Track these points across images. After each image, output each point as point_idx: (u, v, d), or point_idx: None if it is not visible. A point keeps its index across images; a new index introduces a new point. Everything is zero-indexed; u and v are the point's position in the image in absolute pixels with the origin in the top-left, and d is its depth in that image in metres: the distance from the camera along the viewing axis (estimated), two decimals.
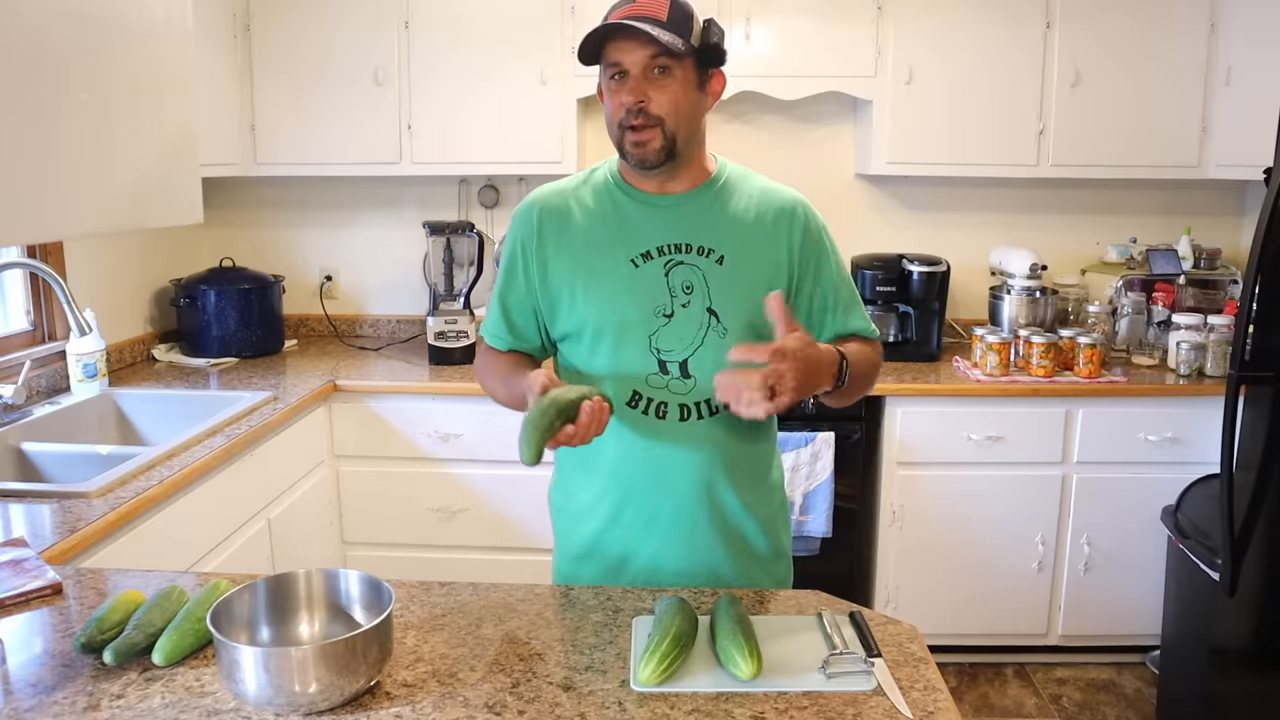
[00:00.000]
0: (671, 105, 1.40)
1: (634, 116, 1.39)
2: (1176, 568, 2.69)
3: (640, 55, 1.38)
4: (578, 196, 1.53)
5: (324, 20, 3.08)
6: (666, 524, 1.49)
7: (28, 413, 2.40)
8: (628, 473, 1.49)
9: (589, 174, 1.56)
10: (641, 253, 1.46)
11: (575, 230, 1.50)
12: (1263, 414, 2.27)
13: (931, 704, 1.12)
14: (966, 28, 3.04)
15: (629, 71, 1.39)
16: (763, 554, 1.55)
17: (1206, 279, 3.28)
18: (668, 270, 1.46)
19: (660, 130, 1.40)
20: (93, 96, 1.73)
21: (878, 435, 2.93)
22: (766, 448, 1.58)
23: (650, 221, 1.48)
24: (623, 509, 1.50)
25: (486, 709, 1.11)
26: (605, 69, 1.42)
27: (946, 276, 3.15)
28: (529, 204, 1.54)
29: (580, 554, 1.56)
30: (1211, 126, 3.08)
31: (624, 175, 1.52)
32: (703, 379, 1.45)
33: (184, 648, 1.20)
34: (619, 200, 1.50)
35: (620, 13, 1.39)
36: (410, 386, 2.93)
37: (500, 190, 3.49)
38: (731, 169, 1.55)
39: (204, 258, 3.42)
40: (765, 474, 1.57)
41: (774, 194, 1.53)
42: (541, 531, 2.95)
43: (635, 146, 1.41)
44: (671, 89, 1.40)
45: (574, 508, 1.57)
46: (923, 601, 2.97)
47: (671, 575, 1.50)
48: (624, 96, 1.39)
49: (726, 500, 1.50)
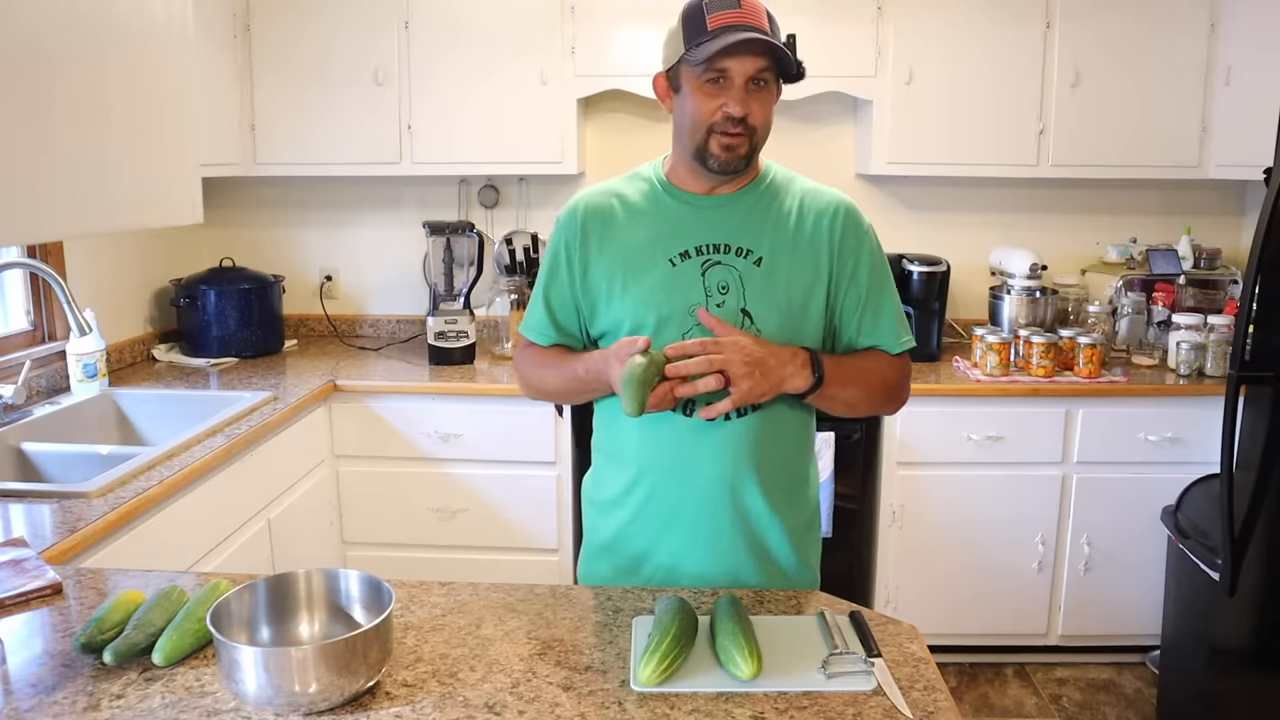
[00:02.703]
0: (765, 118, 1.43)
1: (733, 124, 1.40)
2: (1176, 568, 2.69)
3: (750, 65, 1.38)
4: (622, 196, 1.54)
5: (324, 20, 3.08)
6: (688, 523, 1.49)
7: (28, 413, 2.40)
8: (652, 468, 1.50)
9: (634, 174, 1.57)
10: (680, 252, 1.47)
11: (618, 229, 1.51)
12: (1263, 414, 2.27)
13: (931, 704, 1.12)
14: (967, 27, 3.04)
15: (733, 80, 1.39)
16: (785, 563, 1.53)
17: (1206, 279, 3.27)
18: (705, 270, 1.46)
19: (750, 139, 1.42)
20: (92, 96, 1.73)
21: (878, 435, 2.93)
22: (799, 458, 1.57)
23: (692, 222, 1.49)
24: (646, 503, 1.51)
25: (486, 709, 1.11)
26: (701, 69, 1.40)
27: (946, 276, 3.15)
28: (574, 204, 1.56)
29: (602, 547, 1.58)
30: (1211, 126, 3.08)
31: (671, 177, 1.53)
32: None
33: (184, 648, 1.20)
34: (663, 200, 1.51)
35: (726, 17, 1.38)
36: (410, 386, 2.93)
37: (500, 190, 3.49)
38: (778, 171, 1.55)
39: (204, 258, 3.42)
40: (800, 483, 1.56)
41: (818, 196, 1.53)
42: (541, 531, 2.97)
43: (725, 150, 1.42)
44: (767, 101, 1.43)
45: (603, 498, 1.58)
46: (923, 601, 2.97)
47: (690, 577, 1.50)
48: (732, 107, 1.39)
49: (752, 504, 1.49)
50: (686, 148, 1.46)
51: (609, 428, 1.57)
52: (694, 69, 1.41)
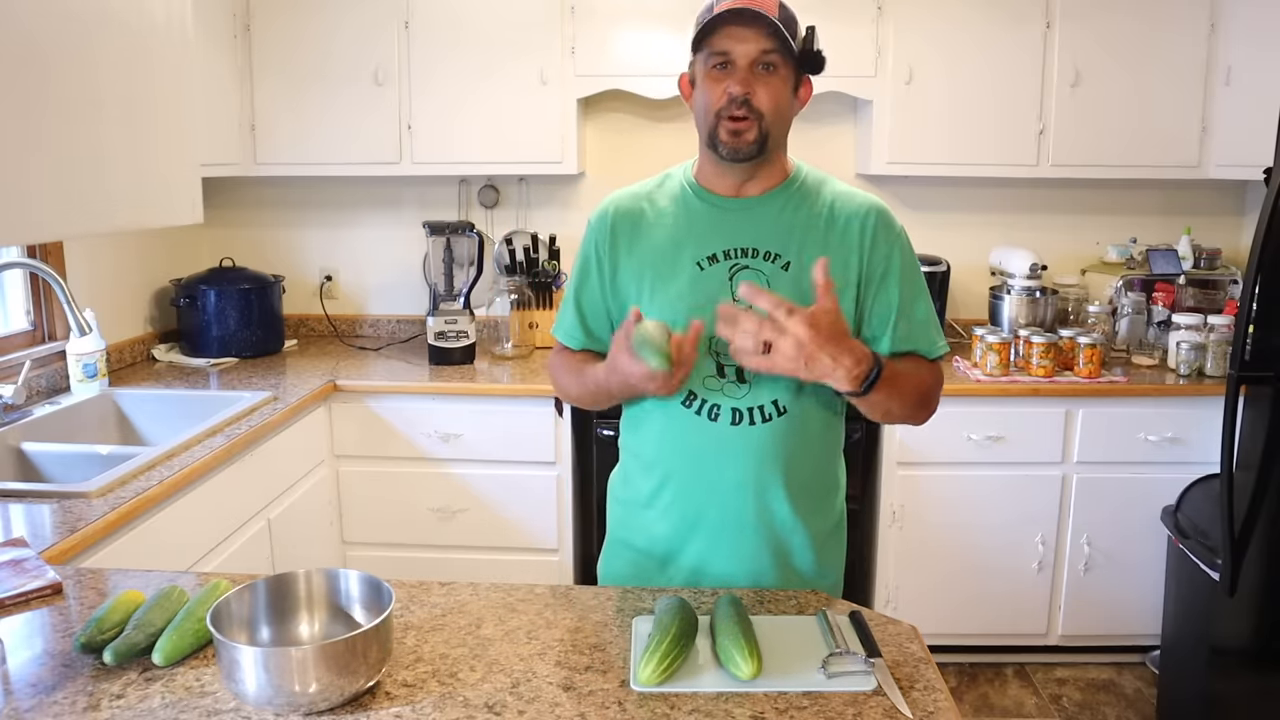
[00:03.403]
0: (773, 102, 1.41)
1: (737, 106, 1.39)
2: (1176, 568, 2.69)
3: (752, 47, 1.38)
4: (651, 199, 1.53)
5: (324, 20, 3.08)
6: (713, 526, 1.49)
7: (28, 413, 2.40)
8: (678, 471, 1.49)
9: (664, 177, 1.57)
10: (708, 255, 1.46)
11: (647, 232, 1.51)
12: (1263, 414, 2.27)
13: (931, 704, 1.12)
14: (967, 27, 3.04)
15: (736, 62, 1.39)
16: (806, 568, 1.52)
17: (1206, 279, 3.27)
18: (732, 274, 1.45)
19: (758, 124, 1.41)
20: (92, 97, 1.73)
21: (878, 435, 2.93)
22: (825, 464, 1.55)
23: (720, 224, 1.48)
24: (673, 506, 1.51)
25: (486, 709, 1.11)
26: (707, 56, 1.41)
27: (946, 276, 3.15)
28: (605, 207, 1.55)
29: (628, 544, 1.58)
30: (1211, 126, 3.08)
31: (699, 179, 1.52)
32: (760, 385, 1.44)
33: (184, 648, 1.20)
34: (691, 203, 1.51)
35: (732, 2, 1.38)
36: (410, 386, 2.93)
37: (500, 190, 3.49)
38: (809, 173, 1.54)
39: (204, 258, 3.42)
40: (829, 490, 1.56)
41: (849, 199, 1.51)
42: (541, 531, 2.97)
43: (732, 135, 1.41)
44: (775, 86, 1.41)
45: (630, 497, 1.58)
46: (923, 601, 2.97)
47: (714, 579, 1.49)
48: (732, 87, 1.39)
49: (777, 509, 1.48)
50: (703, 138, 1.46)
51: (635, 430, 1.57)
52: (701, 57, 1.42)
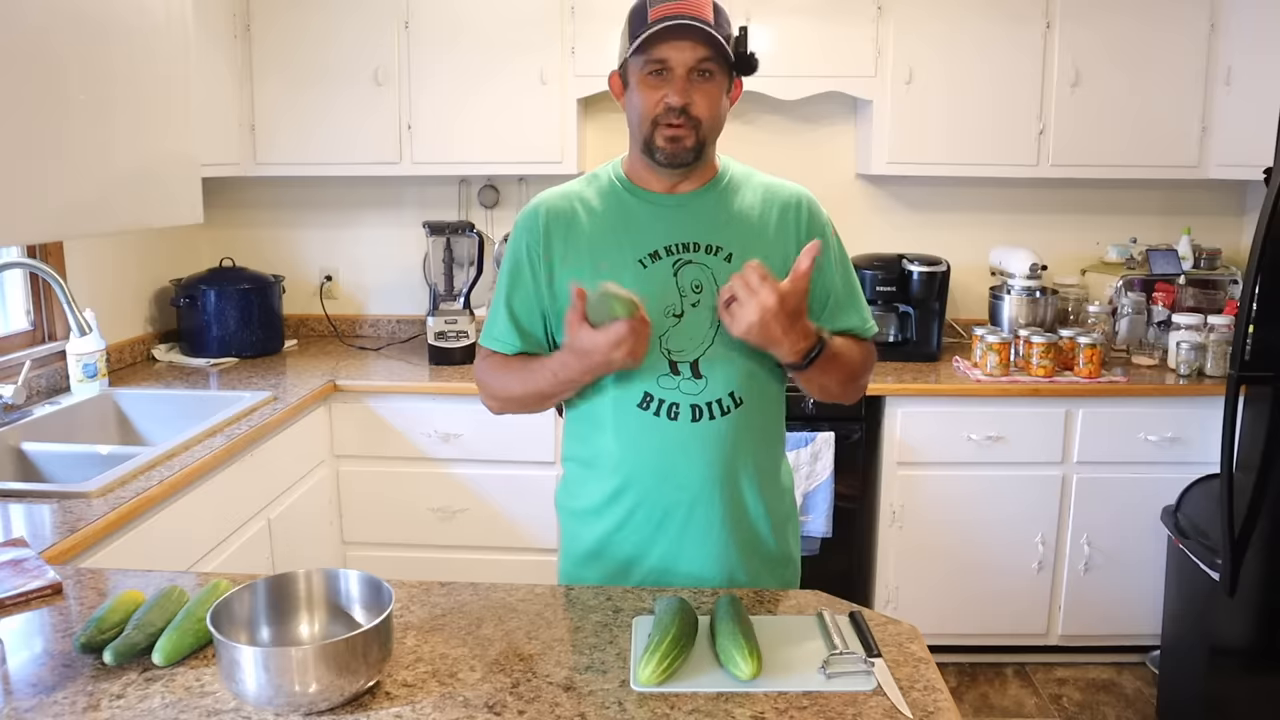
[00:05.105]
0: (710, 110, 1.42)
1: (675, 115, 1.40)
2: (1176, 568, 2.69)
3: (689, 56, 1.38)
4: (583, 198, 1.52)
5: (324, 20, 3.08)
6: (679, 526, 1.48)
7: (28, 413, 2.40)
8: (639, 475, 1.48)
9: (592, 176, 1.56)
10: (650, 253, 1.46)
11: (581, 232, 1.49)
12: (1263, 414, 2.27)
13: (931, 704, 1.12)
14: (966, 28, 3.05)
15: (673, 70, 1.39)
16: (772, 557, 1.54)
17: (1206, 279, 3.28)
18: (676, 270, 1.46)
19: (695, 132, 1.41)
20: (92, 97, 1.73)
21: (878, 435, 2.93)
22: (776, 449, 1.58)
23: (657, 221, 1.48)
24: (634, 512, 1.49)
25: (486, 709, 1.11)
26: (644, 62, 1.41)
27: (946, 276, 3.15)
28: (533, 207, 1.53)
29: (587, 555, 1.55)
30: (1211, 127, 3.08)
31: (630, 176, 1.52)
32: (714, 379, 1.45)
33: (184, 648, 1.20)
34: (625, 201, 1.50)
35: (666, 8, 1.38)
36: (410, 386, 2.93)
37: (500, 190, 3.49)
38: (735, 167, 1.55)
39: (204, 258, 3.42)
40: (776, 475, 1.57)
41: (778, 190, 1.54)
42: (541, 531, 2.97)
43: (670, 143, 1.41)
44: (712, 93, 1.42)
45: (581, 508, 1.56)
46: (923, 601, 2.97)
47: (682, 577, 1.49)
48: (671, 97, 1.39)
49: (749, 500, 1.50)
50: (637, 143, 1.46)
51: (583, 437, 1.54)
52: (637, 62, 1.42)
